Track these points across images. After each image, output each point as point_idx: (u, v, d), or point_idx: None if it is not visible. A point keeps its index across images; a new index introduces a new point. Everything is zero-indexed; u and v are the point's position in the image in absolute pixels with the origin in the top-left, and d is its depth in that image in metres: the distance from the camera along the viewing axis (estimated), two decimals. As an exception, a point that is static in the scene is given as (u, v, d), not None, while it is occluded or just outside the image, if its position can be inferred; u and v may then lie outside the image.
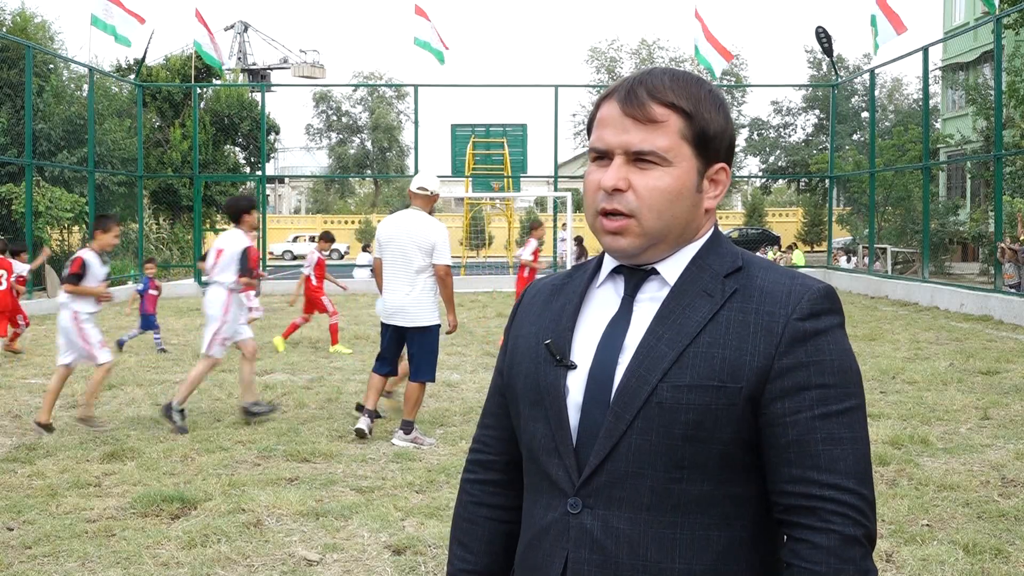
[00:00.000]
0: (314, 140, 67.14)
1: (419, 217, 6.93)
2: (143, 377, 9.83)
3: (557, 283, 1.54)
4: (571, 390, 1.39)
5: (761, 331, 1.34)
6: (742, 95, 56.54)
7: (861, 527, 1.30)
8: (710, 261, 1.41)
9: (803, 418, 1.32)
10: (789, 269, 1.42)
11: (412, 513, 5.24)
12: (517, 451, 1.54)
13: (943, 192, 33.83)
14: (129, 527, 5.00)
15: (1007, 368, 10.05)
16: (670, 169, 1.38)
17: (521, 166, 25.64)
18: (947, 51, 34.26)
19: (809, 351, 1.33)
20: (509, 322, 1.59)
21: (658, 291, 1.41)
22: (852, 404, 1.34)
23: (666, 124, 1.37)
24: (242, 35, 62.93)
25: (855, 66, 50.79)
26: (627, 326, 1.40)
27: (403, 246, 6.84)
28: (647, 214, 1.38)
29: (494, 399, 1.60)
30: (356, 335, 13.32)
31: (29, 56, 17.89)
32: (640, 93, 1.38)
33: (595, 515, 1.35)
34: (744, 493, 1.36)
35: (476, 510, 1.58)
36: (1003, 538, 4.79)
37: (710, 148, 1.41)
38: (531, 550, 1.43)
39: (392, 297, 6.88)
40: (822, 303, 1.36)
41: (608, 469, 1.35)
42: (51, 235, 22.61)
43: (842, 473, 1.30)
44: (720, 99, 1.43)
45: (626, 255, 1.41)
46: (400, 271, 6.85)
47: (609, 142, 1.39)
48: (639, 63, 56.53)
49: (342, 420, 7.71)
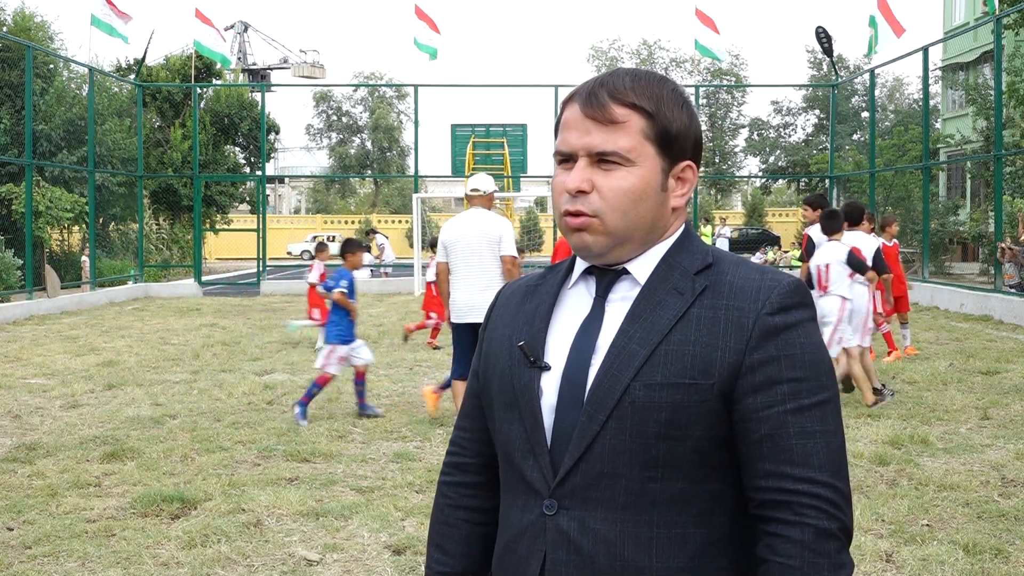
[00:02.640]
0: (314, 140, 67.14)
1: (483, 214, 7.15)
2: (143, 377, 9.83)
3: (531, 284, 1.54)
4: (545, 391, 1.40)
5: (732, 327, 1.34)
6: (742, 95, 56.54)
7: (836, 520, 1.30)
8: (680, 259, 1.42)
9: (775, 412, 1.32)
10: (759, 264, 1.42)
11: (412, 513, 5.24)
12: (493, 453, 1.54)
13: (943, 192, 33.82)
14: (129, 527, 5.00)
15: (1007, 368, 10.05)
16: (633, 169, 1.39)
17: (521, 166, 25.64)
18: (947, 51, 34.26)
19: (779, 345, 1.34)
20: (484, 324, 1.60)
21: (629, 291, 1.42)
22: (824, 397, 1.34)
23: (627, 124, 1.38)
24: (242, 35, 62.94)
25: (855, 66, 50.78)
26: (599, 326, 1.40)
27: (472, 244, 7.03)
28: (611, 214, 1.38)
29: (469, 401, 1.60)
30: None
31: (29, 56, 17.89)
32: (601, 95, 1.39)
33: (571, 516, 1.36)
34: (720, 490, 1.36)
35: (453, 512, 1.59)
36: (1003, 538, 4.79)
37: (674, 146, 1.41)
38: (508, 552, 1.43)
39: (466, 296, 6.98)
40: (791, 297, 1.36)
41: (583, 470, 1.35)
42: (51, 235, 22.59)
43: (815, 467, 1.31)
44: (683, 97, 1.43)
45: (592, 254, 1.42)
46: (474, 269, 7.01)
47: (572, 144, 1.40)
48: (640, 63, 56.52)
49: (342, 420, 7.72)
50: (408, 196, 47.51)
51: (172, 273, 26.63)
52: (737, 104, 56.76)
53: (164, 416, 7.81)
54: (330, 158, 66.48)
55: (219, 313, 17.12)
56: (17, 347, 12.21)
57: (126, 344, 12.51)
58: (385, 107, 64.62)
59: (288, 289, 22.33)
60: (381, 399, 8.64)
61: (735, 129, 57.29)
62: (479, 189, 7.26)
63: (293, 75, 62.49)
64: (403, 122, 64.48)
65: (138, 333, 13.88)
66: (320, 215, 58.00)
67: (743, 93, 56.44)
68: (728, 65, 56.26)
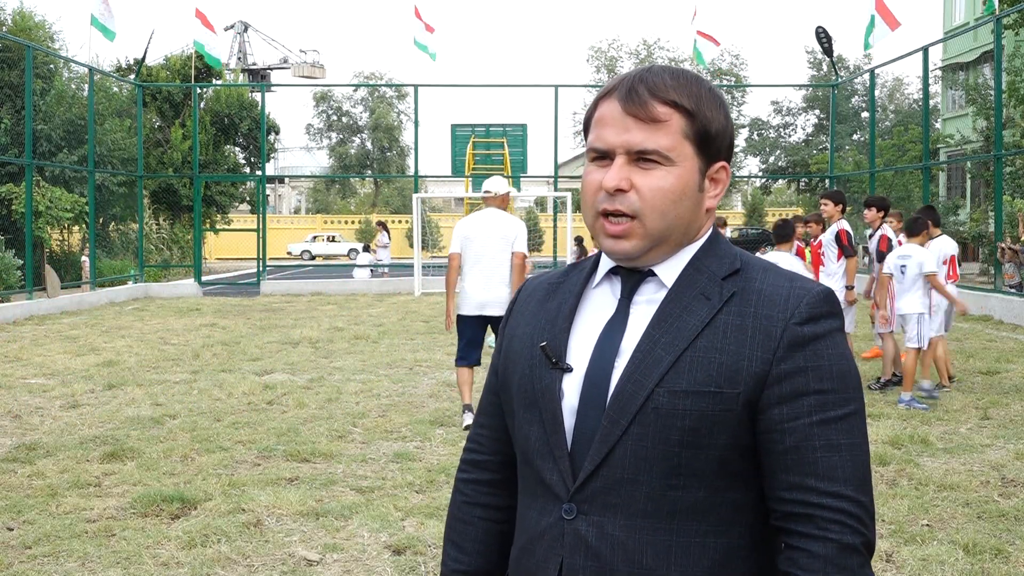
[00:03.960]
0: (314, 140, 67.17)
1: (499, 214, 7.53)
2: (143, 377, 9.83)
3: (553, 282, 1.51)
4: (566, 393, 1.38)
5: (759, 335, 1.32)
6: (742, 95, 56.54)
7: (859, 535, 1.28)
8: (708, 263, 1.39)
9: (801, 424, 1.30)
10: (788, 271, 1.40)
11: (412, 513, 5.24)
12: (511, 451, 1.52)
13: (943, 192, 33.83)
14: (129, 527, 5.00)
15: (1007, 368, 10.05)
16: (673, 169, 1.35)
17: (521, 166, 25.63)
18: (947, 51, 34.26)
19: (807, 356, 1.31)
20: (504, 321, 1.57)
21: (655, 293, 1.39)
22: (851, 410, 1.32)
23: (668, 123, 1.35)
24: (242, 35, 62.94)
25: (855, 66, 50.78)
26: (624, 329, 1.38)
27: (488, 241, 7.38)
28: (651, 215, 1.35)
29: (488, 398, 1.58)
30: (356, 335, 13.31)
31: (29, 56, 17.89)
32: (641, 91, 1.36)
33: (590, 521, 1.34)
34: (741, 500, 1.34)
35: (470, 510, 1.57)
36: (1003, 538, 4.79)
37: (711, 147, 1.39)
38: (526, 555, 1.41)
39: (479, 291, 7.35)
40: (821, 307, 1.34)
41: (603, 475, 1.33)
42: (51, 235, 22.58)
43: (840, 480, 1.28)
44: (720, 97, 1.41)
45: (628, 258, 1.38)
46: (486, 266, 7.36)
47: (610, 141, 1.37)
48: (639, 63, 56.52)
49: (342, 420, 7.71)
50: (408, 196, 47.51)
51: (172, 273, 26.62)
52: (737, 104, 56.73)
53: (164, 416, 7.81)
54: (330, 158, 66.50)
55: (219, 313, 17.12)
56: (17, 347, 12.21)
57: (126, 344, 12.50)
58: (385, 107, 64.62)
59: (288, 289, 22.34)
60: (381, 399, 8.64)
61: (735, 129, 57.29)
62: (491, 191, 7.64)
63: (293, 75, 62.48)
64: (403, 122, 64.50)
65: (138, 333, 13.87)
66: (320, 215, 58.02)
67: (743, 93, 56.44)
68: (728, 65, 56.32)
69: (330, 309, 17.85)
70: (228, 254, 46.13)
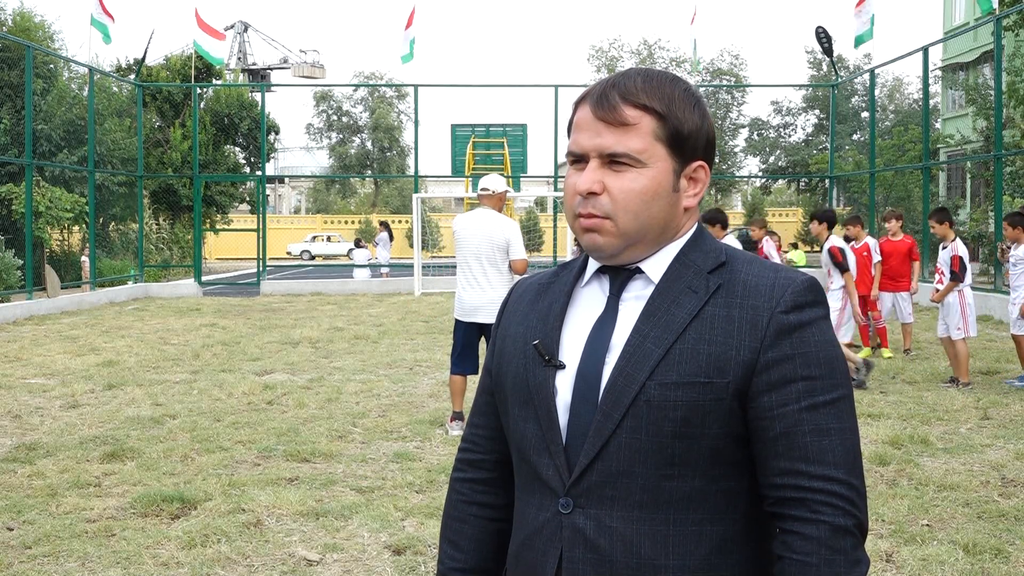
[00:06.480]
0: (314, 140, 67.12)
1: (490, 216, 7.19)
2: (143, 377, 9.83)
3: (544, 282, 1.54)
4: (560, 390, 1.40)
5: (746, 325, 1.35)
6: (742, 95, 56.51)
7: (852, 517, 1.31)
8: (693, 258, 1.42)
9: (790, 410, 1.33)
10: (772, 263, 1.42)
11: (412, 513, 5.24)
12: (506, 449, 1.55)
13: (943, 192, 33.82)
14: (129, 527, 5.00)
15: (1007, 368, 10.05)
16: (644, 170, 1.39)
17: (521, 166, 25.65)
18: (947, 51, 34.26)
19: (794, 343, 1.34)
20: (496, 321, 1.60)
21: (643, 290, 1.42)
22: (839, 395, 1.35)
23: (638, 126, 1.39)
24: (242, 35, 62.93)
25: (855, 66, 50.77)
26: (613, 325, 1.41)
27: (478, 245, 7.10)
28: (623, 216, 1.39)
29: (482, 398, 1.61)
30: (356, 335, 13.32)
31: (29, 56, 17.88)
32: (612, 96, 1.40)
33: (587, 514, 1.36)
34: (735, 487, 1.37)
35: (466, 508, 1.59)
36: (1003, 538, 4.80)
37: (686, 147, 1.41)
38: (525, 550, 1.43)
39: (471, 295, 7.10)
40: (805, 295, 1.37)
41: (599, 468, 1.35)
42: (51, 235, 22.58)
43: (831, 464, 1.31)
44: (695, 97, 1.43)
45: (604, 255, 1.42)
46: (476, 270, 7.10)
47: (583, 145, 1.41)
48: (639, 63, 56.50)
49: (342, 420, 7.71)
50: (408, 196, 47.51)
51: (172, 273, 26.62)
52: (737, 104, 56.70)
53: (164, 416, 7.81)
54: (330, 158, 66.46)
55: (219, 313, 17.12)
56: (17, 347, 12.20)
57: (126, 344, 12.51)
58: (385, 107, 64.58)
59: (288, 289, 22.34)
60: (381, 399, 8.64)
61: (735, 129, 57.24)
62: (488, 189, 7.32)
63: (293, 75, 62.48)
64: (403, 122, 64.47)
65: (138, 333, 13.88)
66: (320, 215, 57.98)
67: (743, 93, 56.39)
68: (728, 65, 56.29)
69: (330, 309, 17.85)
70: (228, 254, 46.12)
